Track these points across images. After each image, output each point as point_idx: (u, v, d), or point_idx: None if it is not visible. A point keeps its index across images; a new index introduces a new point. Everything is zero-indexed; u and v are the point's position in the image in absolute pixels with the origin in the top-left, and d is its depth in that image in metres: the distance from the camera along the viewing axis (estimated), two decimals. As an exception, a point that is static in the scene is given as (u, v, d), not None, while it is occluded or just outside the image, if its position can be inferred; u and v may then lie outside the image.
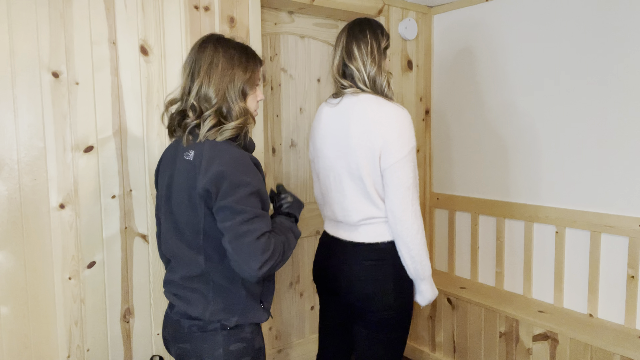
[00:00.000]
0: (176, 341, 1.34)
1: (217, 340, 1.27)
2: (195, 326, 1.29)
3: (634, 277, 2.09)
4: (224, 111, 1.26)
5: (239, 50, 1.30)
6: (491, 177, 2.65)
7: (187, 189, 1.24)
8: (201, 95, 1.25)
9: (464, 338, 2.54)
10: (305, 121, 2.63)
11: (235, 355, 1.27)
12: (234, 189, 1.18)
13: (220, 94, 1.25)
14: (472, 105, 2.72)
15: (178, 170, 1.28)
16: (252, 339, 1.31)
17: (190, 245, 1.28)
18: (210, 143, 1.24)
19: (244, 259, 1.18)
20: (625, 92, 2.08)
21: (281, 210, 1.43)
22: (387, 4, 2.67)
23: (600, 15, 2.14)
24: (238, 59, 1.28)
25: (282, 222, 1.35)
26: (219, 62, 1.25)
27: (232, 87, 1.26)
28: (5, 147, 1.63)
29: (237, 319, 1.28)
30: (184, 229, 1.28)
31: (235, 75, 1.26)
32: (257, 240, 1.18)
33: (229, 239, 1.19)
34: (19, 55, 1.64)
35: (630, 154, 2.08)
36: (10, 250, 1.65)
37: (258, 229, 1.19)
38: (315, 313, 2.74)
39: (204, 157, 1.21)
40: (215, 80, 1.25)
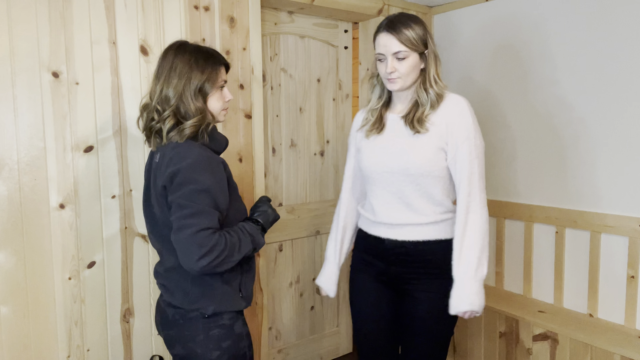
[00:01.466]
0: (163, 327, 1.45)
1: (197, 327, 1.36)
2: (177, 314, 1.38)
3: (634, 277, 2.09)
4: (182, 111, 1.33)
5: (198, 53, 1.37)
6: (491, 178, 2.64)
7: (157, 188, 1.33)
8: (162, 98, 1.33)
9: (464, 338, 2.54)
10: (305, 121, 2.64)
11: (214, 339, 1.36)
12: (183, 185, 1.25)
13: (177, 95, 1.32)
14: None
15: (153, 172, 1.38)
16: (231, 325, 1.39)
17: (165, 240, 1.36)
18: (173, 145, 1.32)
19: (182, 251, 1.23)
20: (623, 92, 2.08)
21: (251, 216, 1.48)
22: (387, 4, 2.67)
23: (601, 15, 2.14)
24: (195, 61, 1.34)
25: (244, 226, 1.40)
26: (177, 66, 1.33)
27: (189, 88, 1.33)
28: (5, 147, 1.63)
29: (214, 307, 1.36)
30: (160, 225, 1.37)
31: (192, 76, 1.33)
32: (195, 234, 1.22)
33: (172, 232, 1.26)
34: (19, 55, 1.64)
35: (630, 154, 2.08)
36: (10, 250, 1.65)
37: (198, 223, 1.23)
38: (315, 313, 2.74)
39: (165, 158, 1.30)
40: (173, 82, 1.32)
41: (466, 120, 1.53)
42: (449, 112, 1.54)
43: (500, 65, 2.56)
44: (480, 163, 1.54)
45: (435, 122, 1.54)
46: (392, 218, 1.60)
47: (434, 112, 1.55)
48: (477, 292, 1.49)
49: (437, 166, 1.53)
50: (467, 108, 1.55)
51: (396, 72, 1.52)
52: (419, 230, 1.58)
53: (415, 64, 1.53)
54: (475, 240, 1.50)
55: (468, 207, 1.52)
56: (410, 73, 1.53)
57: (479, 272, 1.50)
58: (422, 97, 1.56)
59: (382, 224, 1.63)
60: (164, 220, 1.33)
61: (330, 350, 2.82)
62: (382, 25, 1.53)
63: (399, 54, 1.50)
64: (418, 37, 1.51)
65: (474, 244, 1.50)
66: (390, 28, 1.50)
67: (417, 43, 1.51)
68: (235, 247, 1.31)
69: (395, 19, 1.52)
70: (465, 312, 1.51)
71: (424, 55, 1.55)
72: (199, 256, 1.21)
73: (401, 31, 1.49)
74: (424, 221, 1.57)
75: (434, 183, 1.55)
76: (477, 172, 1.53)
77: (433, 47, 1.56)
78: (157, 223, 1.39)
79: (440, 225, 1.59)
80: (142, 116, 1.41)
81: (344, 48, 2.75)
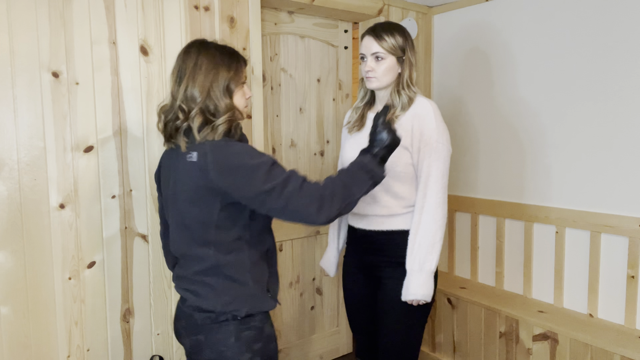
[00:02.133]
0: (190, 333, 1.40)
1: (229, 330, 1.34)
2: (208, 318, 1.35)
3: (634, 277, 2.09)
4: (210, 109, 1.31)
5: (221, 50, 1.36)
6: (491, 178, 2.65)
7: (196, 188, 1.29)
8: (187, 97, 1.30)
9: (464, 338, 2.54)
10: (305, 121, 2.64)
11: (246, 342, 1.34)
12: (252, 175, 1.24)
13: (204, 93, 1.30)
14: (472, 105, 2.72)
15: (182, 172, 1.32)
16: (261, 327, 1.38)
17: (200, 242, 1.33)
18: (211, 143, 1.28)
19: (303, 217, 1.27)
20: (626, 93, 2.08)
21: (373, 149, 1.40)
22: (387, 4, 2.67)
23: (602, 14, 2.14)
24: (220, 59, 1.33)
25: (363, 164, 1.37)
26: (202, 63, 1.31)
27: (217, 85, 1.31)
28: (5, 147, 1.63)
29: (247, 309, 1.34)
30: (193, 226, 1.33)
31: (219, 74, 1.32)
32: (299, 194, 1.26)
33: (278, 214, 1.28)
34: (19, 55, 1.64)
35: (630, 154, 2.08)
36: (10, 250, 1.65)
37: (294, 188, 1.26)
38: (315, 313, 2.75)
39: (209, 157, 1.25)
40: (199, 80, 1.30)
41: (429, 125, 1.66)
42: (416, 115, 1.68)
43: (501, 66, 2.56)
44: (439, 166, 1.66)
45: (402, 124, 1.68)
46: (360, 209, 1.77)
47: (404, 114, 1.69)
48: (422, 284, 1.64)
49: (399, 163, 1.67)
50: (432, 113, 1.67)
51: (373, 71, 1.69)
52: (382, 221, 1.74)
53: (392, 67, 1.69)
54: (424, 238, 1.65)
55: (422, 207, 1.67)
56: (387, 74, 1.69)
57: (425, 267, 1.64)
58: (394, 99, 1.72)
59: (355, 214, 1.81)
60: (205, 220, 1.30)
61: (330, 350, 2.82)
62: (367, 30, 1.73)
63: (377, 54, 1.68)
64: (397, 43, 1.68)
65: (423, 242, 1.65)
66: (373, 32, 1.70)
67: (395, 48, 1.68)
68: (348, 186, 1.32)
69: (379, 26, 1.72)
70: (411, 301, 1.67)
71: (401, 60, 1.70)
72: (316, 210, 1.25)
73: (382, 36, 1.67)
74: (386, 213, 1.73)
75: (398, 178, 1.69)
76: (434, 174, 1.66)
77: (410, 55, 1.71)
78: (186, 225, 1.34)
79: (402, 217, 1.72)
80: (161, 118, 1.37)
81: (344, 48, 2.75)
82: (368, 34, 1.71)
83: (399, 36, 1.69)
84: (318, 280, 2.73)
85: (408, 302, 1.68)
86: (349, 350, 2.88)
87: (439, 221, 1.66)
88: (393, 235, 1.73)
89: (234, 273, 1.34)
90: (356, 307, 1.92)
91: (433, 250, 1.65)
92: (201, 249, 1.34)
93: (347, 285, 1.93)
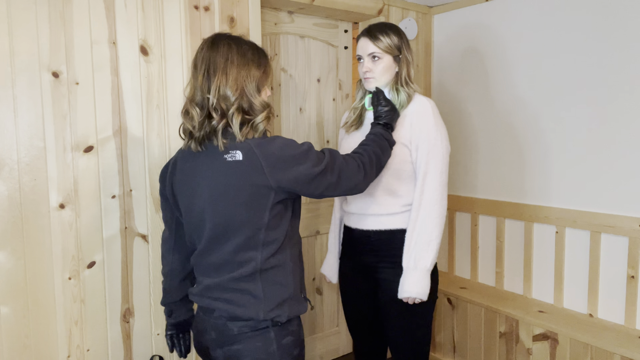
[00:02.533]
0: (223, 344, 1.32)
1: (269, 337, 1.29)
2: (246, 327, 1.29)
3: (634, 277, 2.09)
4: (245, 107, 1.26)
5: (251, 46, 1.32)
6: (491, 177, 2.65)
7: (244, 188, 1.23)
8: (221, 94, 1.24)
9: (464, 338, 2.54)
10: (305, 121, 2.64)
11: (287, 349, 1.31)
12: (305, 162, 1.26)
13: (238, 91, 1.25)
14: (472, 105, 2.72)
15: (222, 173, 1.24)
16: (298, 331, 1.36)
17: (247, 245, 1.27)
18: (253, 141, 1.23)
19: (353, 188, 1.38)
20: (627, 92, 2.08)
21: (380, 120, 1.61)
22: (387, 4, 2.67)
23: (602, 14, 2.14)
24: (251, 55, 1.29)
25: (380, 133, 1.55)
26: (234, 59, 1.25)
27: (250, 83, 1.26)
28: (5, 147, 1.63)
29: (288, 314, 1.32)
30: (241, 229, 1.26)
31: (250, 71, 1.27)
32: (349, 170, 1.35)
33: (332, 192, 1.34)
34: (19, 55, 1.64)
35: (630, 154, 2.08)
36: (10, 250, 1.65)
37: (341, 165, 1.34)
38: (315, 313, 2.74)
39: (259, 154, 1.21)
40: (232, 77, 1.24)
41: (427, 122, 1.66)
42: (414, 112, 1.69)
43: (501, 66, 2.56)
44: (437, 164, 1.66)
45: (401, 121, 1.69)
46: (358, 208, 1.77)
47: (402, 112, 1.70)
48: (416, 282, 1.63)
49: (398, 160, 1.67)
50: (430, 110, 1.68)
51: (371, 71, 1.70)
52: (380, 220, 1.73)
53: (389, 66, 1.70)
54: (421, 235, 1.65)
55: (420, 205, 1.67)
56: (384, 74, 1.70)
57: (420, 264, 1.64)
58: (393, 97, 1.72)
59: (352, 214, 1.81)
60: (254, 222, 1.25)
61: (330, 350, 2.82)
62: (362, 31, 1.74)
63: (373, 54, 1.69)
64: (392, 42, 1.69)
65: (419, 239, 1.65)
66: (368, 33, 1.71)
67: (391, 47, 1.69)
68: (378, 155, 1.47)
69: (373, 26, 1.73)
70: (407, 299, 1.66)
71: (398, 59, 1.71)
72: (362, 179, 1.39)
73: (377, 36, 1.69)
74: (384, 212, 1.72)
75: (396, 176, 1.69)
76: (432, 172, 1.66)
77: (407, 53, 1.72)
78: (227, 232, 1.27)
79: (400, 216, 1.72)
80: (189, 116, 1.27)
81: (344, 48, 2.75)
82: (363, 35, 1.72)
83: (394, 35, 1.70)
84: (318, 280, 2.73)
85: (404, 300, 1.67)
86: (349, 350, 2.88)
87: (436, 219, 1.65)
88: (391, 234, 1.72)
89: (278, 275, 1.31)
90: (356, 310, 1.90)
91: (429, 248, 1.64)
92: (247, 253, 1.27)
93: (346, 289, 1.91)
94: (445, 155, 1.68)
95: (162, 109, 1.93)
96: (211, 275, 1.33)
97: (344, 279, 1.90)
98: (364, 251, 1.78)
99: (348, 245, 1.87)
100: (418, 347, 1.77)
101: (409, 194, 1.71)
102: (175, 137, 1.96)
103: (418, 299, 1.65)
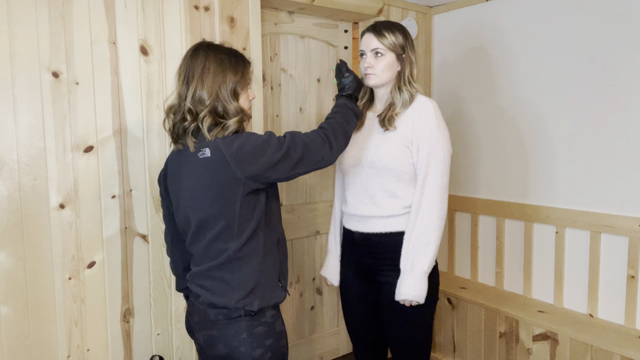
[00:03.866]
0: (203, 328, 1.43)
1: (241, 326, 1.37)
2: (221, 314, 1.38)
3: (634, 277, 2.09)
4: (219, 111, 1.35)
5: (228, 53, 1.40)
6: (491, 177, 2.65)
7: (215, 182, 1.32)
8: (196, 99, 1.34)
9: (464, 338, 2.54)
10: (306, 121, 2.64)
11: (258, 337, 1.38)
12: (267, 149, 1.32)
13: (213, 95, 1.34)
14: (472, 105, 2.72)
15: (195, 171, 1.35)
16: (272, 322, 1.42)
17: (222, 236, 1.36)
18: (223, 139, 1.32)
19: (319, 161, 1.42)
20: (626, 93, 2.08)
21: (344, 92, 1.65)
22: (387, 4, 2.67)
23: (604, 14, 2.14)
24: (228, 62, 1.38)
25: (344, 104, 1.59)
26: (210, 66, 1.35)
27: (225, 88, 1.36)
28: (5, 147, 1.63)
29: (259, 302, 1.38)
30: (215, 221, 1.36)
31: (226, 77, 1.36)
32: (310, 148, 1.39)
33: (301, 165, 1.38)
34: (19, 55, 1.64)
35: (631, 154, 2.08)
36: (10, 250, 1.66)
37: (301, 137, 1.39)
38: (315, 313, 2.75)
39: (224, 150, 1.30)
40: (208, 82, 1.34)
41: (429, 123, 1.65)
42: (416, 113, 1.67)
43: (501, 66, 2.56)
44: (438, 165, 1.64)
45: (403, 122, 1.68)
46: (359, 210, 1.75)
47: (404, 111, 1.69)
48: (412, 284, 1.62)
49: (400, 161, 1.66)
50: (432, 111, 1.66)
51: (372, 67, 1.68)
52: (381, 223, 1.71)
53: (391, 64, 1.69)
54: (419, 238, 1.64)
55: (419, 207, 1.65)
56: (386, 71, 1.69)
57: (417, 267, 1.62)
58: (395, 96, 1.71)
59: (353, 215, 1.79)
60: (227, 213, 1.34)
61: (330, 350, 2.82)
62: (367, 27, 1.73)
63: (376, 49, 1.68)
64: (397, 41, 1.68)
65: (417, 242, 1.64)
66: (373, 29, 1.70)
67: (395, 45, 1.68)
68: (344, 125, 1.51)
69: (379, 23, 1.72)
70: (403, 301, 1.65)
71: (401, 58, 1.70)
72: (329, 150, 1.42)
73: (382, 33, 1.68)
74: (384, 214, 1.70)
75: (397, 178, 1.68)
76: (433, 174, 1.64)
77: (410, 53, 1.72)
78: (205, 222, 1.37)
79: (400, 218, 1.70)
80: (169, 117, 1.42)
81: (344, 48, 2.75)
82: (368, 31, 1.72)
83: (399, 34, 1.69)
84: (318, 280, 2.73)
85: (400, 302, 1.66)
86: (349, 350, 2.89)
87: (434, 221, 1.63)
88: (392, 237, 1.70)
89: (250, 264, 1.38)
90: (357, 314, 1.88)
91: (427, 251, 1.62)
92: (223, 244, 1.37)
93: (346, 292, 1.89)
94: (447, 157, 1.66)
95: (162, 109, 1.93)
96: (197, 263, 1.45)
97: (345, 284, 1.88)
98: (365, 254, 1.77)
99: (348, 249, 1.85)
100: (419, 349, 1.77)
101: (410, 196, 1.69)
102: (175, 137, 1.97)
103: (415, 302, 1.64)
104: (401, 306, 1.68)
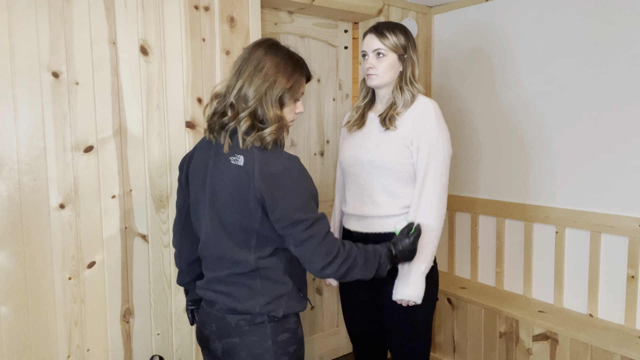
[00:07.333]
0: (222, 337, 1.36)
1: (265, 332, 1.32)
2: (243, 320, 1.32)
3: (634, 277, 2.09)
4: (259, 115, 1.27)
5: (288, 58, 1.32)
6: (491, 178, 2.65)
7: (240, 193, 1.26)
8: (241, 95, 1.27)
9: (464, 338, 2.54)
10: (306, 121, 2.63)
11: (282, 345, 1.33)
12: (290, 197, 1.23)
13: (257, 97, 1.26)
14: (472, 105, 2.72)
15: (223, 173, 1.29)
16: (295, 328, 1.38)
17: (241, 245, 1.31)
18: (259, 150, 1.25)
19: (308, 262, 1.29)
20: (626, 93, 2.08)
21: (394, 248, 1.49)
22: (387, 4, 2.67)
23: (605, 15, 2.14)
24: (284, 67, 1.30)
25: (379, 251, 1.43)
26: (264, 66, 1.28)
27: (270, 93, 1.27)
28: (5, 147, 1.63)
29: (284, 310, 1.33)
30: (233, 230, 1.30)
31: (276, 82, 1.28)
32: (321, 243, 1.27)
33: (293, 245, 1.28)
34: (19, 55, 1.64)
35: (631, 154, 2.08)
36: (10, 250, 1.66)
37: (319, 232, 1.27)
38: (315, 313, 2.74)
39: (257, 165, 1.23)
40: (256, 82, 1.27)
41: (429, 124, 1.65)
42: (416, 113, 1.67)
43: (501, 66, 2.56)
44: (437, 166, 1.64)
45: (404, 121, 1.68)
46: (358, 209, 1.75)
47: (405, 111, 1.69)
48: (409, 284, 1.62)
49: (399, 161, 1.66)
50: (432, 112, 1.67)
51: (374, 68, 1.69)
52: (380, 223, 1.71)
53: (393, 64, 1.69)
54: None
55: (418, 207, 1.65)
56: (388, 71, 1.69)
57: (415, 267, 1.62)
58: (397, 96, 1.71)
59: (352, 215, 1.79)
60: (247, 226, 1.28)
61: (330, 350, 2.82)
62: (369, 28, 1.74)
63: (378, 50, 1.68)
64: (399, 41, 1.69)
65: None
66: (375, 30, 1.71)
67: (397, 46, 1.68)
68: (358, 261, 1.34)
69: (381, 24, 1.72)
70: (400, 301, 1.66)
71: (403, 58, 1.70)
72: (324, 264, 1.28)
73: (384, 33, 1.68)
74: (383, 214, 1.70)
75: (396, 177, 1.68)
76: (432, 174, 1.64)
77: (412, 53, 1.72)
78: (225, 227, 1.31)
79: (400, 218, 1.69)
80: (212, 104, 1.35)
81: (344, 48, 2.75)
82: (370, 32, 1.72)
83: (400, 34, 1.69)
84: (318, 280, 2.73)
85: (397, 303, 1.66)
86: (349, 351, 2.89)
87: (432, 222, 1.63)
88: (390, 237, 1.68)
89: (273, 275, 1.33)
90: (356, 314, 1.88)
91: (424, 251, 1.62)
92: (241, 253, 1.31)
93: (346, 293, 1.89)
94: (446, 158, 1.66)
95: (162, 109, 1.93)
96: (212, 269, 1.38)
97: (344, 284, 1.88)
98: None
99: None
100: (418, 350, 1.77)
101: (409, 196, 1.69)
102: (175, 137, 1.96)
103: (411, 302, 1.64)
104: (400, 306, 1.68)
